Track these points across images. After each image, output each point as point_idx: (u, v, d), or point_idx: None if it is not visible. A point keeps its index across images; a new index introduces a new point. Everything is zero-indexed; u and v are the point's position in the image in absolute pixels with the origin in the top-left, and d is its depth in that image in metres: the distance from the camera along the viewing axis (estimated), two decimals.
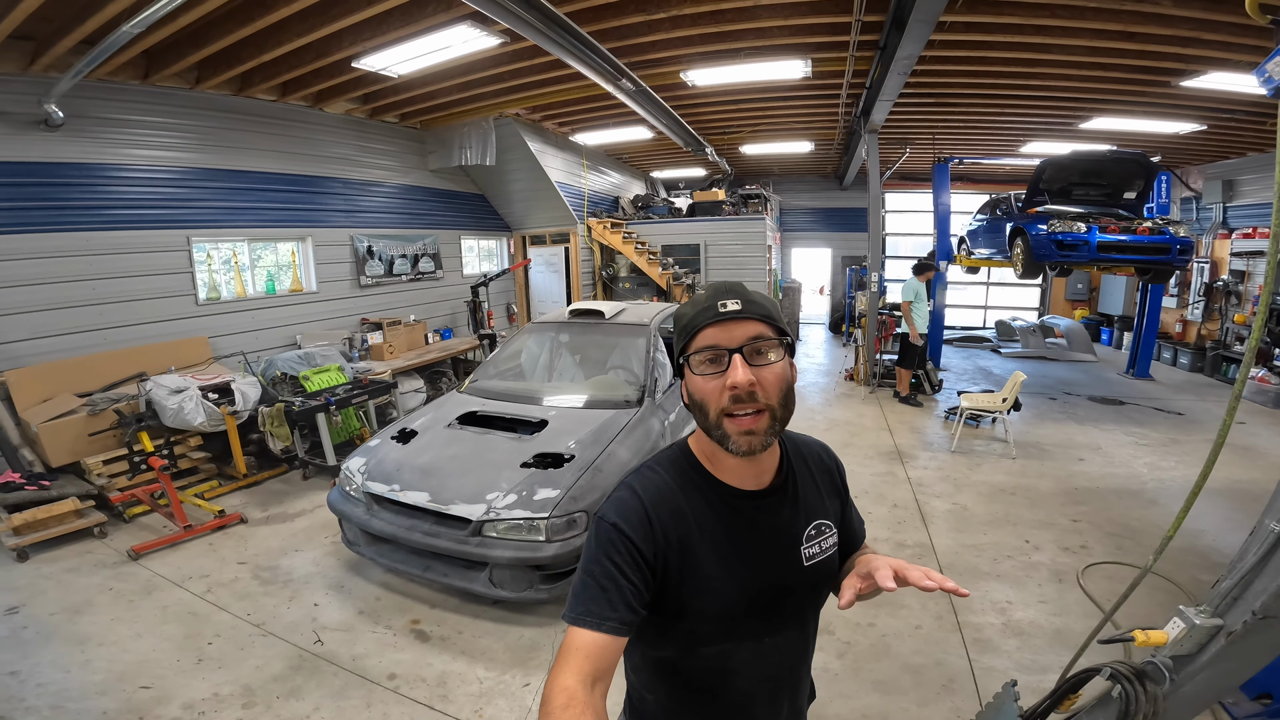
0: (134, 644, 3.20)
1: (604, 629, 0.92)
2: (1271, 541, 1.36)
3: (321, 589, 3.74)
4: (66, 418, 4.79)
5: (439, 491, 3.38)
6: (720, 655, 1.08)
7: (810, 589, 1.14)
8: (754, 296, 1.02)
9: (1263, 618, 1.34)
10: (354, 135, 7.87)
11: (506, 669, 3.00)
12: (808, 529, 1.12)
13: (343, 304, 7.83)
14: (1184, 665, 1.47)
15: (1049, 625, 3.24)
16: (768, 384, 0.97)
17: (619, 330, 5.00)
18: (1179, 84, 6.02)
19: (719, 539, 1.04)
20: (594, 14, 5.02)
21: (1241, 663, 1.44)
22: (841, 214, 14.98)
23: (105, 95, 5.44)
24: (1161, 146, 9.10)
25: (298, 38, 5.07)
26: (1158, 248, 6.85)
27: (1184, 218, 10.66)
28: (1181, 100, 6.69)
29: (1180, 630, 1.42)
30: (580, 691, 0.85)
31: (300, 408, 5.22)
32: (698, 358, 1.00)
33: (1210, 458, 1.90)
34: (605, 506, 1.05)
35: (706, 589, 1.02)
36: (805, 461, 1.18)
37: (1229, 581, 1.41)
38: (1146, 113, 7.35)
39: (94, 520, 4.44)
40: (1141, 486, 5.17)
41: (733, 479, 1.07)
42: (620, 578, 0.96)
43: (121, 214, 5.64)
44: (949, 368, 10.11)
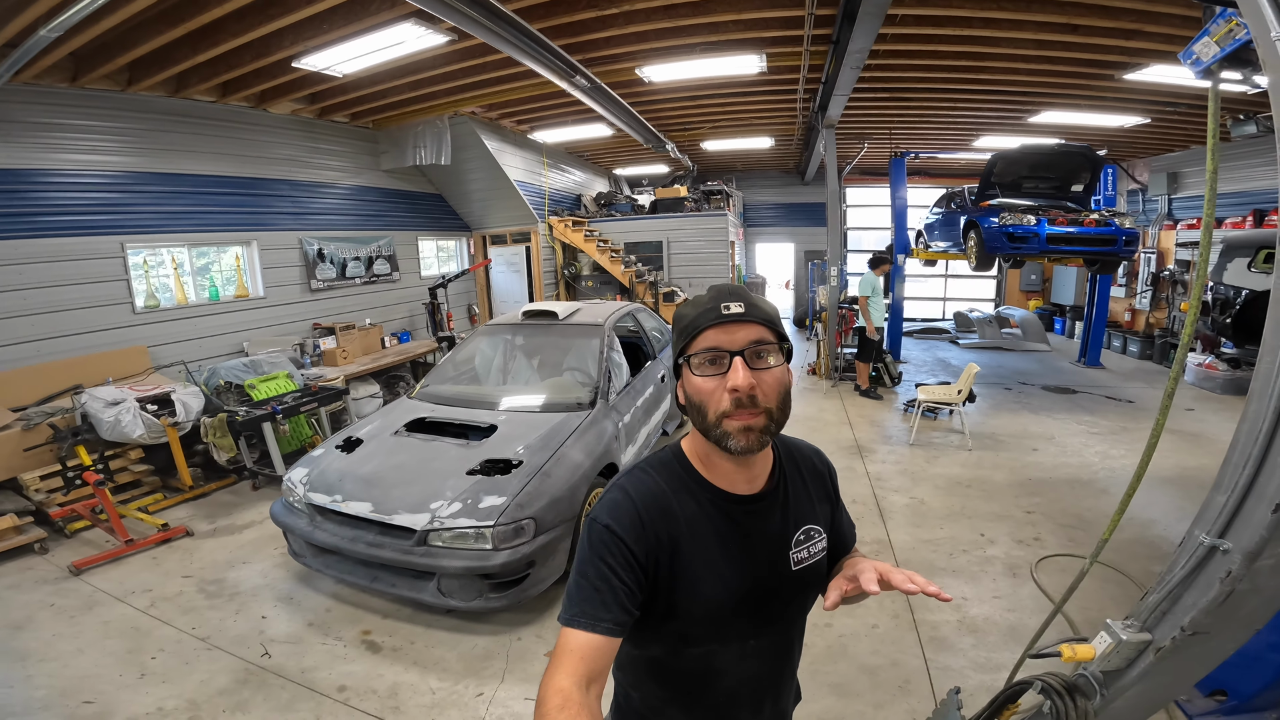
0: (76, 659, 3.13)
1: (598, 630, 0.93)
2: (1200, 555, 1.34)
3: (270, 601, 3.65)
4: (0, 433, 4.59)
5: (382, 501, 3.28)
6: (706, 656, 1.09)
7: (797, 593, 1.14)
8: (756, 300, 1.03)
9: (1192, 634, 1.31)
10: (302, 136, 7.63)
11: (460, 679, 2.94)
12: (797, 534, 1.12)
13: (292, 309, 7.59)
14: (1114, 680, 1.45)
15: (1003, 621, 3.26)
16: (767, 387, 0.97)
17: (573, 331, 4.94)
18: (1122, 77, 6.17)
19: (709, 542, 1.05)
20: (545, 10, 4.93)
21: (1174, 677, 1.42)
22: (804, 209, 15.09)
23: (32, 99, 5.20)
24: (1108, 140, 9.36)
25: (234, 38, 4.90)
26: (1104, 239, 7.04)
27: (1130, 209, 10.99)
28: (1125, 94, 6.87)
29: (1108, 645, 1.39)
30: (575, 693, 0.86)
31: (244, 417, 5.05)
32: (698, 359, 1.00)
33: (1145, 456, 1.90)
34: (597, 508, 1.04)
35: (695, 591, 1.03)
36: (798, 466, 1.18)
37: (1157, 595, 1.39)
38: (1092, 106, 7.53)
39: (34, 536, 4.34)
40: (1093, 476, 5.28)
41: (725, 483, 1.07)
42: (613, 578, 0.97)
43: (52, 220, 5.38)
44: (909, 360, 10.24)
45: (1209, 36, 1.58)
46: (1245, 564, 1.22)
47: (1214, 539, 1.32)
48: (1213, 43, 1.58)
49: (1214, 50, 1.57)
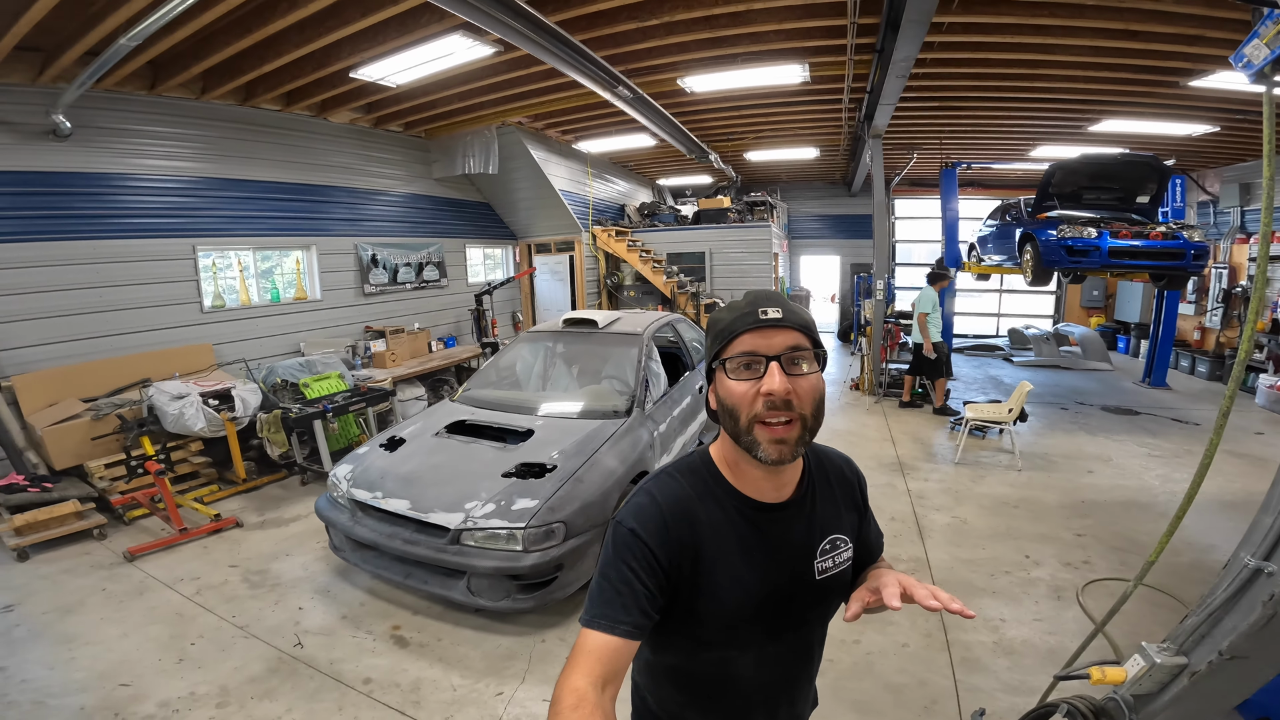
0: (119, 643, 3.25)
1: (617, 632, 0.93)
2: (1245, 577, 1.27)
3: (308, 593, 3.77)
4: (71, 422, 4.91)
5: (419, 499, 3.38)
6: (722, 661, 1.10)
7: (819, 602, 1.14)
8: (794, 306, 1.03)
9: (1230, 658, 1.25)
10: (358, 144, 7.97)
11: (481, 677, 2.99)
12: (822, 543, 1.12)
13: (346, 312, 7.90)
14: (1145, 704, 1.38)
15: (1042, 644, 3.12)
16: (802, 394, 0.96)
17: (612, 340, 4.98)
18: (1187, 84, 5.88)
19: (731, 549, 1.05)
20: (587, 22, 5.03)
21: (1206, 703, 1.35)
22: (850, 220, 14.84)
23: (112, 105, 5.55)
24: (1175, 149, 8.90)
25: (296, 49, 5.15)
26: (1171, 253, 6.68)
27: (1201, 222, 10.40)
28: (1192, 101, 6.53)
29: (1140, 668, 1.33)
30: (590, 693, 0.86)
31: (297, 414, 5.27)
32: (734, 362, 1.00)
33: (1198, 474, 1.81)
34: (622, 512, 1.05)
35: (715, 596, 1.03)
36: (827, 474, 1.18)
37: (1196, 618, 1.32)
38: (1156, 114, 7.19)
39: (94, 522, 4.54)
40: (1152, 499, 5.00)
41: (753, 490, 1.07)
42: (635, 581, 0.97)
43: (128, 222, 5.74)
44: (959, 377, 9.92)
45: (1259, 39, 1.52)
46: None
47: (1259, 561, 1.25)
48: (1263, 45, 1.51)
49: (1264, 53, 1.51)
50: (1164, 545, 1.87)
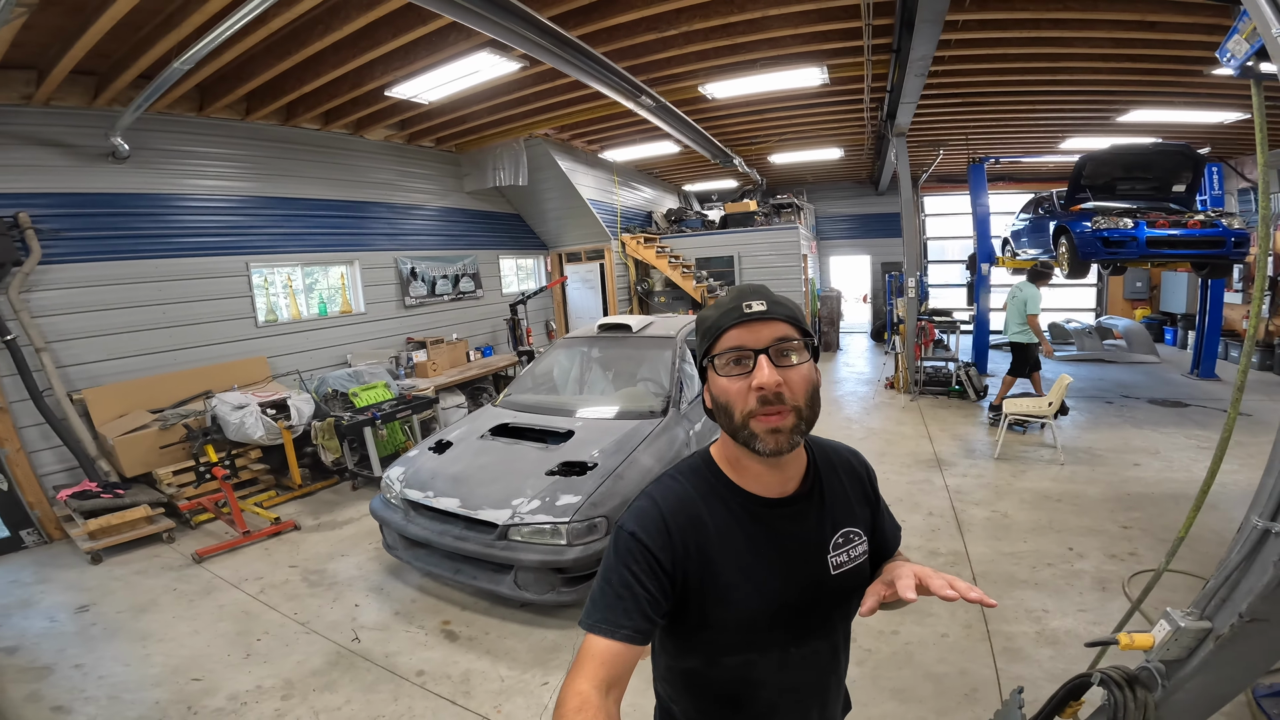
0: (190, 640, 3.45)
1: (618, 637, 0.93)
2: (1255, 538, 1.31)
3: (363, 591, 3.95)
4: (139, 432, 5.20)
5: (469, 498, 3.54)
6: (744, 666, 1.07)
7: (838, 598, 1.11)
8: (778, 298, 1.03)
9: (1250, 620, 1.29)
10: (394, 160, 8.27)
11: (527, 668, 3.11)
12: (835, 537, 1.10)
13: (389, 324, 8.19)
14: (1175, 670, 1.42)
15: (1087, 634, 3.11)
16: (794, 385, 0.96)
17: (645, 343, 5.09)
18: (1210, 72, 5.77)
19: (740, 548, 1.03)
20: (607, 35, 5.17)
21: (1237, 667, 1.38)
22: (879, 220, 14.71)
23: (165, 127, 5.87)
24: (1210, 137, 8.67)
25: (333, 69, 5.40)
26: (1211, 241, 6.51)
27: (1242, 209, 10.06)
28: (1220, 88, 6.39)
29: (1167, 633, 1.38)
30: (594, 696, 0.86)
31: (349, 422, 5.50)
32: (723, 359, 0.99)
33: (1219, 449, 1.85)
34: (625, 516, 1.04)
35: (727, 598, 1.02)
36: (834, 468, 1.16)
37: (1215, 582, 1.37)
38: (1185, 103, 7.04)
39: (163, 526, 4.82)
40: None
41: (756, 486, 1.06)
42: (637, 586, 0.96)
43: (186, 241, 6.07)
44: (996, 373, 9.77)
45: (1239, 34, 1.57)
46: None
47: (1267, 521, 1.30)
48: (1243, 39, 1.56)
49: (1245, 47, 1.56)
50: (1190, 523, 1.90)
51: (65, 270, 5.25)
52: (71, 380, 5.29)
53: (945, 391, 8.49)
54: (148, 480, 5.26)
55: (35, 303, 5.09)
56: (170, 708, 2.89)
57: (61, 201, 5.24)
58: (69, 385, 5.25)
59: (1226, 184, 10.07)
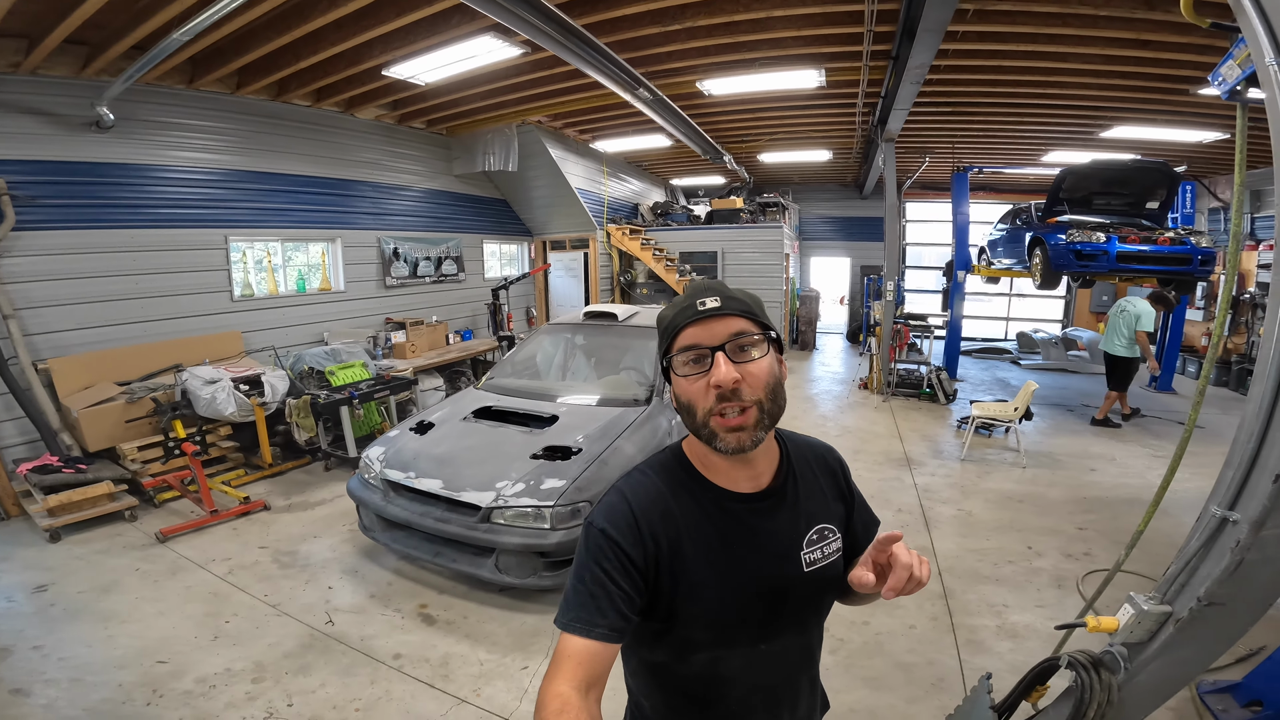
0: (156, 621, 3.36)
1: (593, 635, 0.92)
2: (1213, 526, 1.42)
3: (337, 573, 3.91)
4: (105, 404, 5.03)
5: (452, 479, 3.54)
6: (713, 662, 1.06)
7: (811, 595, 1.10)
8: (733, 293, 1.01)
9: (1208, 604, 1.39)
10: (383, 140, 8.16)
11: (507, 652, 3.12)
12: (809, 533, 1.09)
13: (369, 303, 8.10)
14: (1138, 653, 1.52)
15: (1044, 629, 3.26)
16: (754, 379, 0.95)
17: (631, 332, 5.13)
18: (1198, 92, 5.97)
19: (711, 543, 1.02)
20: (611, 25, 5.18)
21: (1195, 650, 1.49)
22: (861, 223, 14.94)
23: (153, 99, 5.72)
24: (1187, 156, 8.97)
25: (332, 46, 5.30)
26: (1179, 258, 6.77)
27: (1212, 228, 10.46)
28: (1203, 108, 6.61)
29: (1130, 616, 1.48)
30: (574, 698, 0.85)
31: (325, 400, 5.44)
32: (680, 358, 0.98)
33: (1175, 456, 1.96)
34: (594, 512, 1.03)
35: (697, 594, 1.00)
36: (808, 464, 1.15)
37: (1176, 567, 1.47)
38: (1168, 121, 7.27)
39: (126, 504, 4.66)
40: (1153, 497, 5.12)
41: (726, 481, 1.05)
42: (609, 583, 0.95)
43: (164, 213, 5.92)
44: (966, 378, 10.04)
45: (1233, 60, 1.66)
46: (1252, 533, 1.31)
47: (1224, 510, 1.40)
48: (1236, 65, 1.66)
49: (1237, 72, 1.65)
50: (1148, 520, 2.02)
51: (38, 237, 5.08)
52: (38, 349, 5.12)
53: (917, 394, 8.69)
54: (111, 456, 5.09)
55: (5, 268, 4.92)
56: (135, 690, 2.82)
57: (40, 169, 5.08)
58: (35, 354, 5.08)
59: (1198, 203, 10.44)
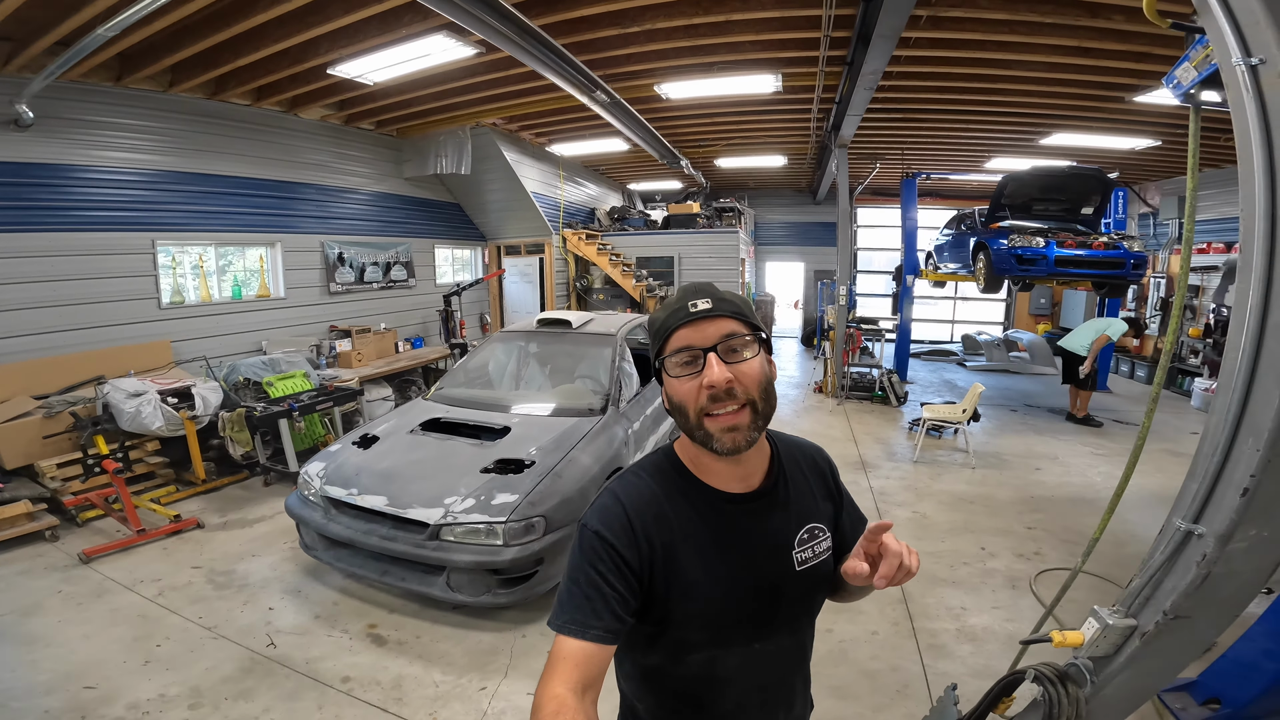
0: (82, 645, 3.17)
1: (589, 637, 0.92)
2: (1178, 540, 1.40)
3: (278, 593, 3.71)
4: (22, 420, 4.72)
5: (397, 495, 3.37)
6: (708, 663, 1.06)
7: (803, 594, 1.11)
8: (725, 294, 1.02)
9: (1174, 617, 1.37)
10: (329, 141, 7.83)
11: (464, 673, 2.99)
12: (799, 533, 1.09)
13: (311, 310, 7.74)
14: (1104, 666, 1.50)
15: (1002, 631, 3.29)
16: (746, 380, 0.96)
17: (586, 340, 5.03)
18: (1133, 99, 6.24)
19: (704, 543, 1.03)
20: (569, 26, 5.08)
21: (1161, 662, 1.47)
22: (815, 228, 15.21)
23: (77, 96, 5.36)
24: (1120, 162, 9.42)
25: (274, 43, 5.07)
26: (1113, 262, 7.08)
27: (1142, 233, 11.01)
28: (1137, 116, 6.93)
29: (1095, 630, 1.45)
30: (570, 699, 0.85)
31: (262, 413, 5.16)
32: (673, 360, 0.99)
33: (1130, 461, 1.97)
34: (588, 514, 1.03)
35: (691, 594, 1.01)
36: (798, 464, 1.16)
37: (1139, 581, 1.46)
38: (1104, 128, 7.60)
39: (46, 523, 4.39)
40: (1096, 495, 5.29)
41: (719, 482, 1.05)
42: (604, 585, 0.95)
43: (87, 215, 5.54)
44: (915, 380, 10.29)
45: (1189, 62, 1.68)
46: (1219, 546, 1.29)
47: (1189, 524, 1.39)
48: (1192, 67, 1.67)
49: (1193, 75, 1.67)
50: (1104, 525, 2.02)
51: None
52: None
53: (869, 396, 8.85)
54: (29, 473, 4.77)
55: None
56: (63, 716, 2.67)
57: None
58: None
59: (1130, 208, 10.98)
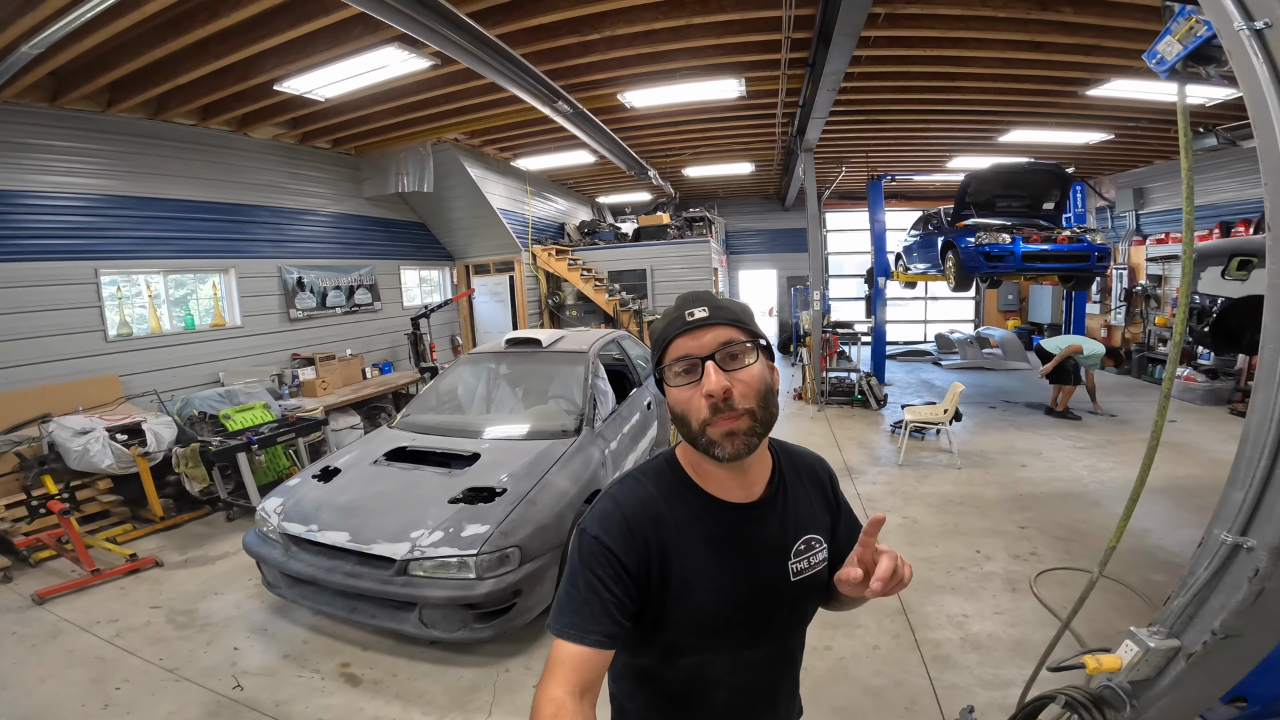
0: (37, 688, 3.05)
1: (587, 642, 0.92)
2: (1224, 554, 1.27)
3: (243, 632, 3.51)
4: None
5: (360, 530, 3.17)
6: (698, 666, 1.07)
7: (796, 604, 1.11)
8: (722, 302, 1.02)
9: (1224, 637, 1.24)
10: (283, 161, 7.57)
11: (445, 712, 2.81)
12: (796, 543, 1.09)
13: (270, 339, 7.42)
14: (1144, 690, 1.37)
15: (1007, 636, 3.18)
16: (745, 388, 0.95)
17: (557, 359, 4.88)
18: (1085, 93, 6.35)
19: (701, 549, 1.03)
20: (528, 36, 4.96)
21: (1208, 682, 1.34)
22: (785, 235, 15.27)
23: (10, 118, 5.10)
24: (1075, 157, 9.62)
25: (216, 60, 4.87)
26: (1077, 255, 7.16)
27: (1099, 226, 11.25)
28: (1089, 110, 7.07)
29: (1135, 654, 1.32)
30: (569, 702, 0.86)
31: (217, 448, 4.90)
32: (673, 370, 0.99)
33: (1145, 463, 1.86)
34: (587, 517, 1.03)
35: (686, 598, 1.01)
36: (798, 474, 1.15)
37: (1182, 599, 1.32)
38: (1058, 124, 7.75)
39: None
40: (1083, 489, 5.27)
41: (720, 490, 1.05)
42: (602, 590, 0.95)
43: (24, 244, 5.24)
44: (893, 382, 10.29)
45: (1171, 35, 1.60)
46: (1273, 560, 1.16)
47: (1236, 537, 1.26)
48: (1175, 41, 1.60)
49: (1177, 49, 1.60)
50: (1120, 532, 1.90)
51: None
52: None
53: (849, 401, 8.80)
54: None
55: None
56: None
57: None
58: None
59: (1088, 202, 11.20)
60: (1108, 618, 3.24)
